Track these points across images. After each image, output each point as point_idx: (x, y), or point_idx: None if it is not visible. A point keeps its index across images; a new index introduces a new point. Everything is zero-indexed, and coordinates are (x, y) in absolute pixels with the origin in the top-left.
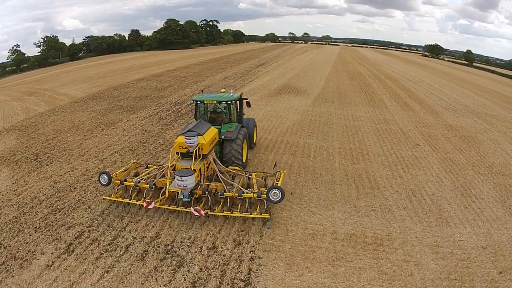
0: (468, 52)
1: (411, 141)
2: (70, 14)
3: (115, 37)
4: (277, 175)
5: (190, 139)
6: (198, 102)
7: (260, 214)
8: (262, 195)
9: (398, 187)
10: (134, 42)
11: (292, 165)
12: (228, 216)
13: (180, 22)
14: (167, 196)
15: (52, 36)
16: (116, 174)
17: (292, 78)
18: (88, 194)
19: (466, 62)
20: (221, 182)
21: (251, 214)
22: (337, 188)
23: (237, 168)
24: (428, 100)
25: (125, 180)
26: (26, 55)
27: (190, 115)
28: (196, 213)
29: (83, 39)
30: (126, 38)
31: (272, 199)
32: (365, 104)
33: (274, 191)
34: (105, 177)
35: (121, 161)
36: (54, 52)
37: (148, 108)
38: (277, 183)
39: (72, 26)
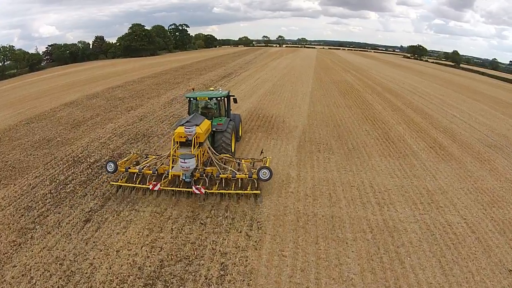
0: (455, 53)
1: (497, 263)
2: (47, 21)
3: (79, 44)
4: (263, 160)
5: (189, 128)
6: (191, 98)
7: (252, 191)
8: (253, 175)
9: None
10: (99, 50)
11: None
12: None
13: (146, 27)
14: (170, 179)
15: (8, 46)
16: (121, 163)
17: (264, 97)
18: None
19: (452, 64)
20: (216, 166)
21: (244, 191)
22: None
23: (228, 155)
24: (458, 131)
25: (129, 168)
26: None
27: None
28: (197, 191)
29: (46, 47)
30: (91, 46)
31: (262, 177)
32: (382, 151)
33: (264, 170)
34: (112, 165)
35: None
36: (14, 63)
37: (30, 172)
38: (265, 165)
39: (48, 33)
